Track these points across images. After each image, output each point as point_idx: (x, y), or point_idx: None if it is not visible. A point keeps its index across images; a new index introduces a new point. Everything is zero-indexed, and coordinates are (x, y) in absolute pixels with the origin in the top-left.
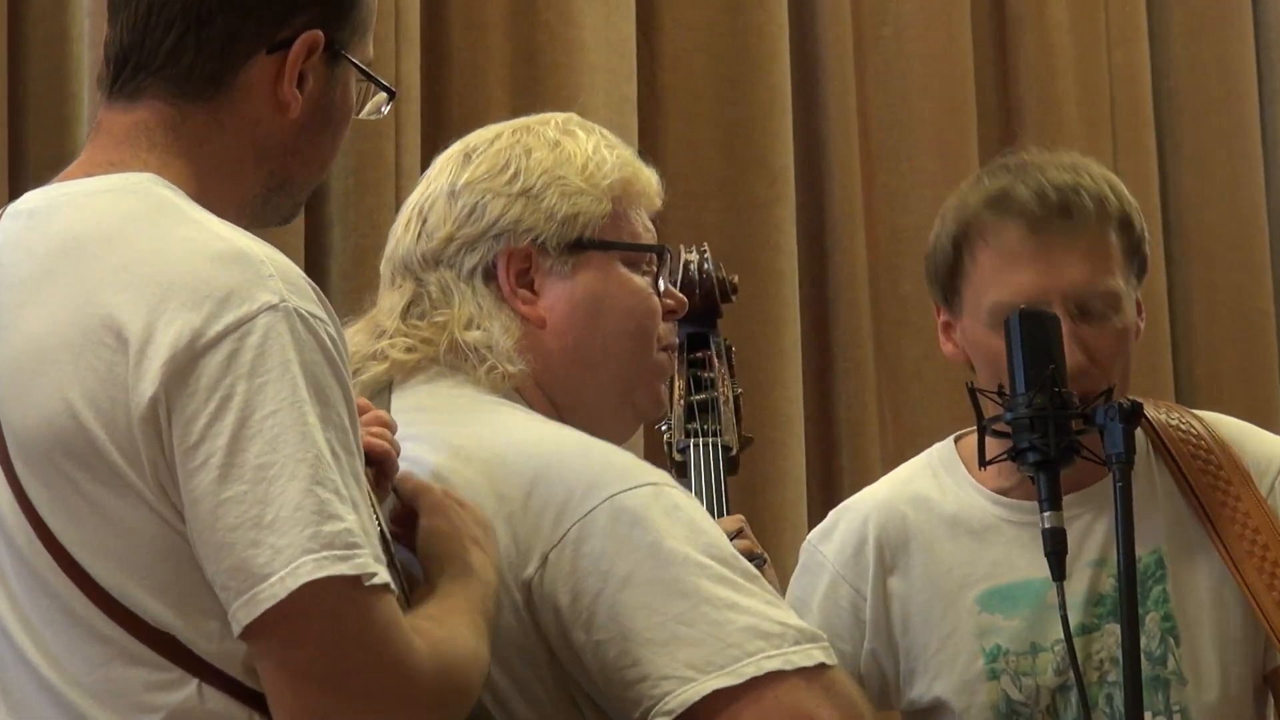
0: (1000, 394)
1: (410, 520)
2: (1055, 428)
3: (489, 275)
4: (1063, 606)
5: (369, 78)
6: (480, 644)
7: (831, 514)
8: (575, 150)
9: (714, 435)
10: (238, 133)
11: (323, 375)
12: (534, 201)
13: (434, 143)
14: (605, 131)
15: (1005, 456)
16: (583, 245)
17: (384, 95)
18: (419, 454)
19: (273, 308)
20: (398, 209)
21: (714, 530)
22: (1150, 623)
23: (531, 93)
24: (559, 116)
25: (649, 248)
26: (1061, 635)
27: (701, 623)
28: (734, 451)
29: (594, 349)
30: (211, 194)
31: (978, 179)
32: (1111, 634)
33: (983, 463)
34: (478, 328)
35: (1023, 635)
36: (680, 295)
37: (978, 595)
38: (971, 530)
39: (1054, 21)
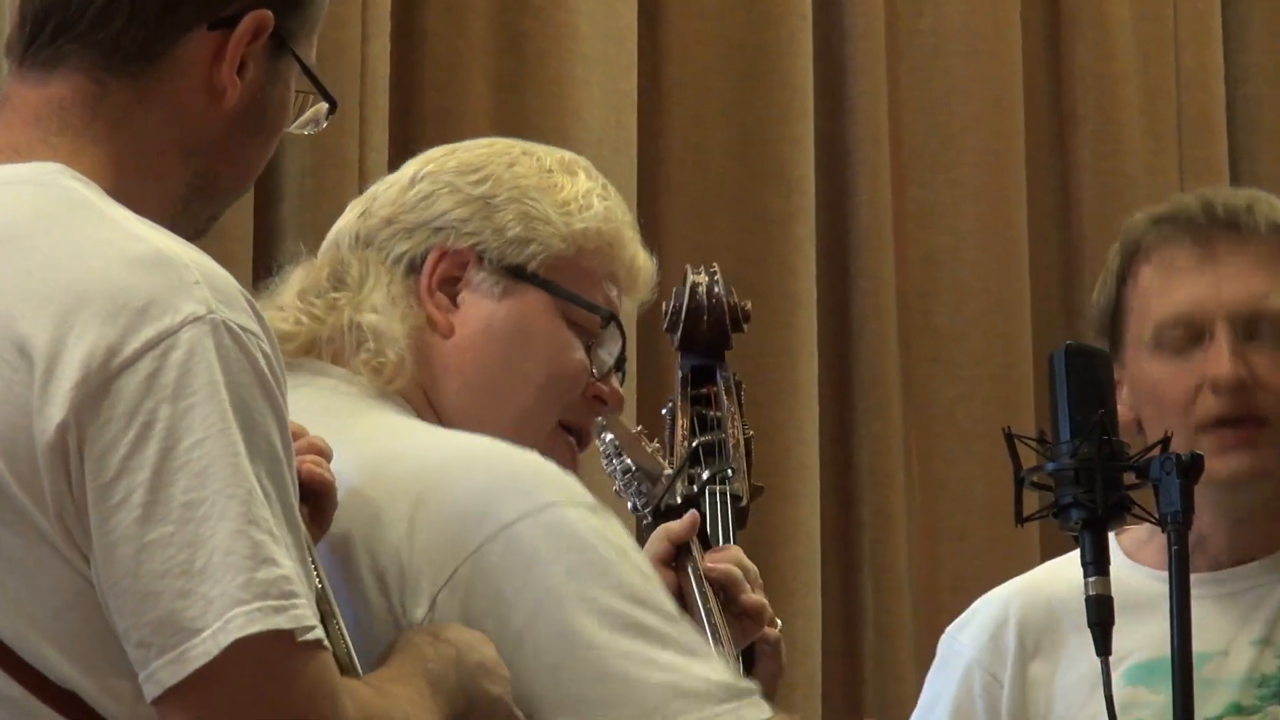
0: (1041, 441)
1: None
2: (1103, 481)
3: (413, 267)
4: (1108, 686)
5: (313, 80)
6: (421, 713)
7: (975, 603)
8: (564, 185)
9: (722, 483)
10: (163, 116)
11: (251, 398)
12: (488, 209)
13: (404, 140)
14: (612, 188)
15: (1045, 513)
16: (523, 274)
17: (324, 106)
18: None
19: (198, 319)
20: None
21: (626, 561)
22: None
23: (517, 86)
24: (569, 155)
25: (595, 308)
26: (1211, 713)
27: (613, 681)
28: (744, 502)
29: (498, 380)
30: (130, 187)
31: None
32: (1273, 716)
33: (1019, 520)
34: (375, 312)
35: (1169, 711)
36: (618, 390)
37: (1126, 669)
38: (1127, 606)
39: (1115, 19)
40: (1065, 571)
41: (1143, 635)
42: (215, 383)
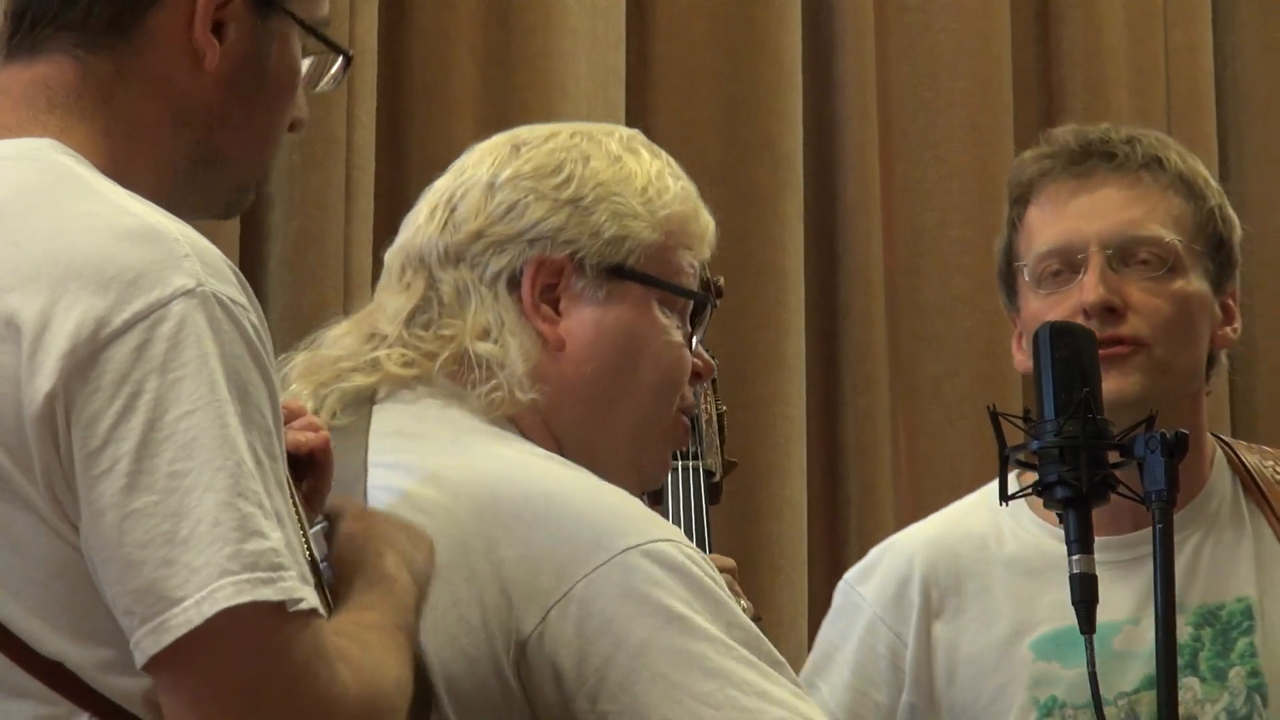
0: (1026, 419)
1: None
2: (1088, 459)
3: (513, 283)
4: (1091, 664)
5: (314, 34)
6: (404, 668)
7: (873, 551)
8: (637, 170)
9: (694, 458)
10: (147, 87)
11: (245, 370)
12: (581, 213)
13: (391, 114)
14: (671, 160)
15: (1030, 491)
16: (623, 273)
17: (339, 62)
18: (400, 484)
19: (188, 292)
20: (348, 189)
21: (734, 603)
22: (1235, 678)
23: (504, 60)
24: (624, 130)
25: (694, 294)
26: (1127, 688)
27: (729, 708)
28: (716, 477)
29: (615, 388)
30: (123, 161)
31: None
32: (1188, 689)
33: (1004, 498)
34: (493, 341)
35: (1082, 686)
36: (709, 358)
37: (1033, 641)
38: (1031, 570)
39: None
40: (966, 523)
41: (1048, 605)
42: (206, 355)
